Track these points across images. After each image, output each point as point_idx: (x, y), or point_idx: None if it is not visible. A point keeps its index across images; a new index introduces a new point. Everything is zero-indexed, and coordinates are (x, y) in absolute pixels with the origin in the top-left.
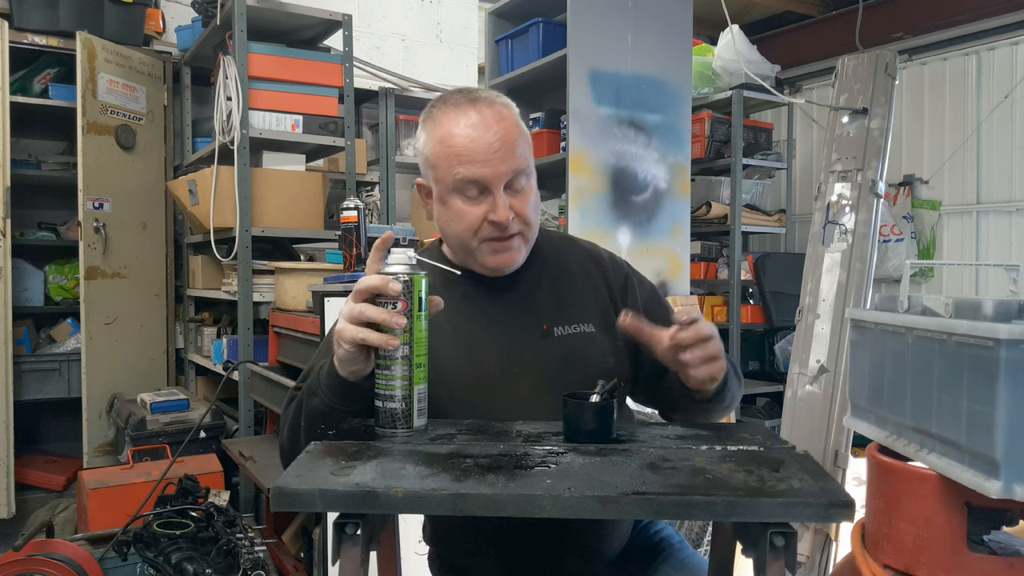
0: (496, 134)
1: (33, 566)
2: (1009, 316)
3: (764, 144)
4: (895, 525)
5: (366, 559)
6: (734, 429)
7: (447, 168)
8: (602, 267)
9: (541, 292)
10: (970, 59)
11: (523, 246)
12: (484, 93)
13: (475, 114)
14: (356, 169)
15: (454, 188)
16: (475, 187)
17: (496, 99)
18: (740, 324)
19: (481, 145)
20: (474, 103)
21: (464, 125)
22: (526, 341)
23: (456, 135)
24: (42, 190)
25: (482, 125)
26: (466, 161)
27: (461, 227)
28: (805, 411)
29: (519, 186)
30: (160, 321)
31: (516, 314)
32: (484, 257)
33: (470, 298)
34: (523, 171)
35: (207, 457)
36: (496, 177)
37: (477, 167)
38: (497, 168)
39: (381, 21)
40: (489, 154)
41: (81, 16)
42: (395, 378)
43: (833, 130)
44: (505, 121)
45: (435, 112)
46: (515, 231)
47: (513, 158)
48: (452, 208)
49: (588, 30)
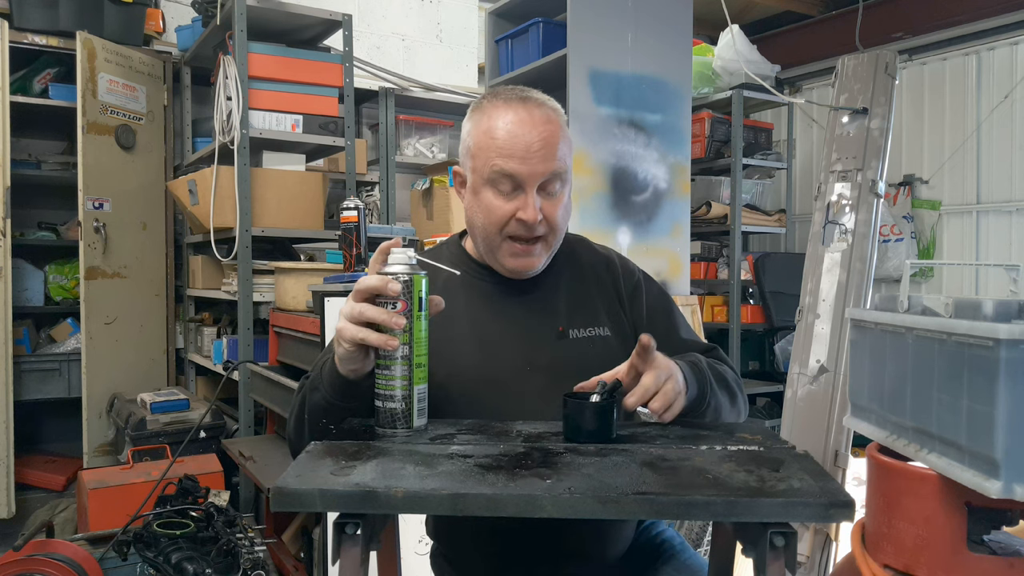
0: (540, 134)
1: (33, 566)
2: (1009, 316)
3: (764, 144)
4: (895, 525)
5: (366, 559)
6: (734, 429)
7: (486, 159)
8: (614, 272)
9: (558, 294)
10: (970, 59)
11: (544, 252)
12: (536, 94)
13: (524, 111)
14: (356, 169)
15: (489, 180)
16: (509, 182)
17: (547, 102)
18: (740, 324)
19: (523, 141)
20: (524, 101)
21: (510, 120)
22: (541, 341)
23: (500, 128)
24: (42, 190)
25: (528, 123)
26: (505, 154)
27: (489, 220)
28: (805, 411)
29: (553, 190)
30: (160, 321)
31: (533, 315)
32: (504, 257)
33: (488, 296)
34: (560, 176)
35: (207, 457)
36: (532, 176)
37: (515, 162)
38: (535, 167)
39: (381, 21)
40: (529, 152)
41: (81, 16)
42: (395, 378)
43: (833, 130)
44: (551, 124)
45: (484, 103)
46: (540, 233)
47: (553, 161)
48: (483, 199)
49: (588, 30)
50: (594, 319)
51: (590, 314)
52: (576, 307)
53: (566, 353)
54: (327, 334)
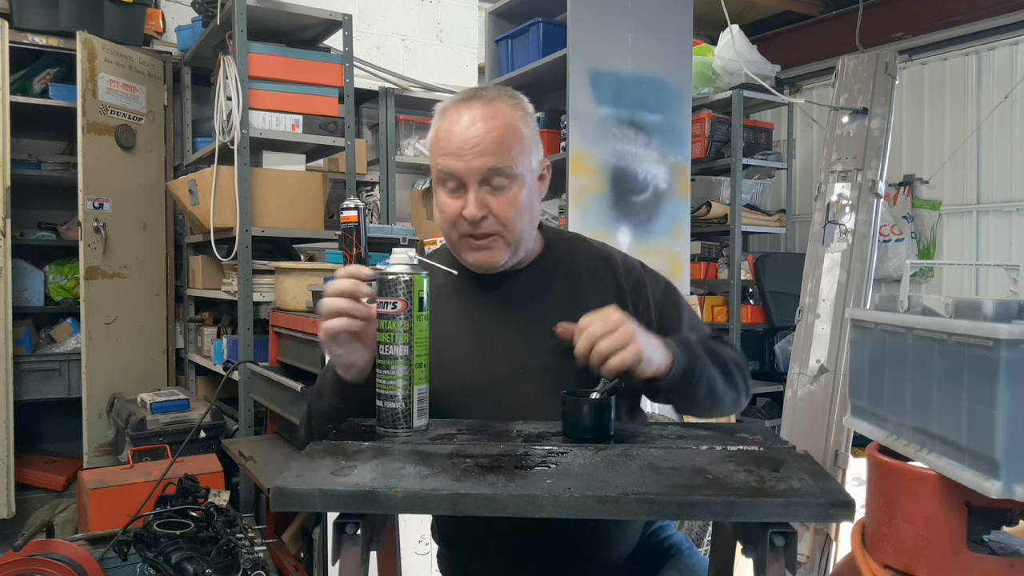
0: (479, 130)
1: (33, 566)
2: (1009, 316)
3: (764, 144)
4: (895, 525)
5: (366, 559)
6: (734, 429)
7: (435, 160)
8: (614, 268)
9: (551, 293)
10: (970, 59)
11: (504, 246)
12: (491, 91)
13: (466, 110)
14: (356, 169)
15: (438, 179)
16: (452, 180)
17: (498, 97)
18: (740, 324)
19: (459, 138)
20: (471, 100)
21: (453, 119)
22: (534, 341)
23: (443, 128)
24: (42, 190)
25: (468, 120)
26: (445, 152)
27: (442, 219)
28: (805, 411)
29: (497, 184)
30: (160, 321)
31: (525, 314)
32: (464, 253)
33: (478, 297)
34: (502, 170)
35: (207, 457)
36: (469, 172)
37: (452, 159)
38: (470, 163)
39: (381, 21)
40: (464, 148)
41: (81, 16)
42: (395, 378)
43: (833, 130)
44: (495, 119)
45: (441, 106)
46: (488, 230)
47: (491, 155)
48: (438, 200)
49: (588, 30)
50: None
51: (585, 312)
52: (569, 305)
53: (560, 352)
54: None
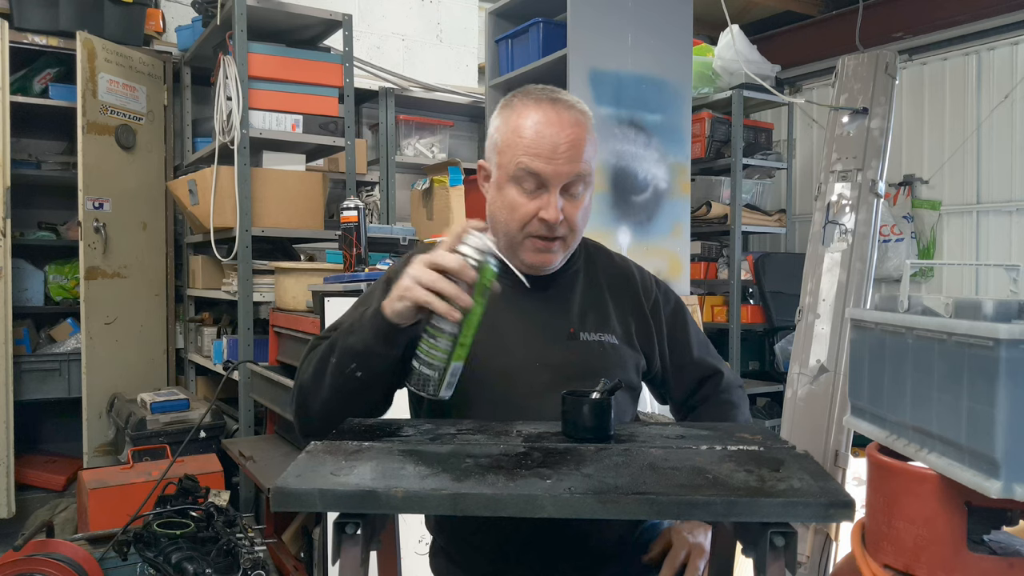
0: (567, 136)
1: (33, 566)
2: (1009, 316)
3: (764, 144)
4: (895, 525)
5: (366, 559)
6: (734, 429)
7: (512, 156)
8: (633, 288)
9: (572, 296)
10: (970, 59)
11: (562, 250)
12: (567, 96)
13: (553, 112)
14: (356, 169)
15: (513, 177)
16: (533, 180)
17: (576, 104)
18: (740, 324)
19: (550, 142)
20: (554, 102)
21: (539, 119)
22: (552, 340)
23: (529, 126)
24: (42, 190)
25: (557, 123)
26: (532, 153)
27: (511, 217)
28: (805, 411)
29: (576, 191)
30: (160, 321)
31: (546, 313)
32: (525, 252)
33: (506, 291)
34: (583, 178)
35: (207, 457)
36: (556, 176)
37: (541, 161)
38: (560, 167)
39: (381, 21)
40: (556, 152)
41: (81, 16)
42: (438, 348)
43: (833, 130)
44: (579, 127)
45: (515, 101)
46: (560, 234)
47: (578, 163)
48: (506, 196)
49: (588, 30)
50: (604, 325)
51: (601, 319)
52: (588, 311)
53: (575, 354)
54: None
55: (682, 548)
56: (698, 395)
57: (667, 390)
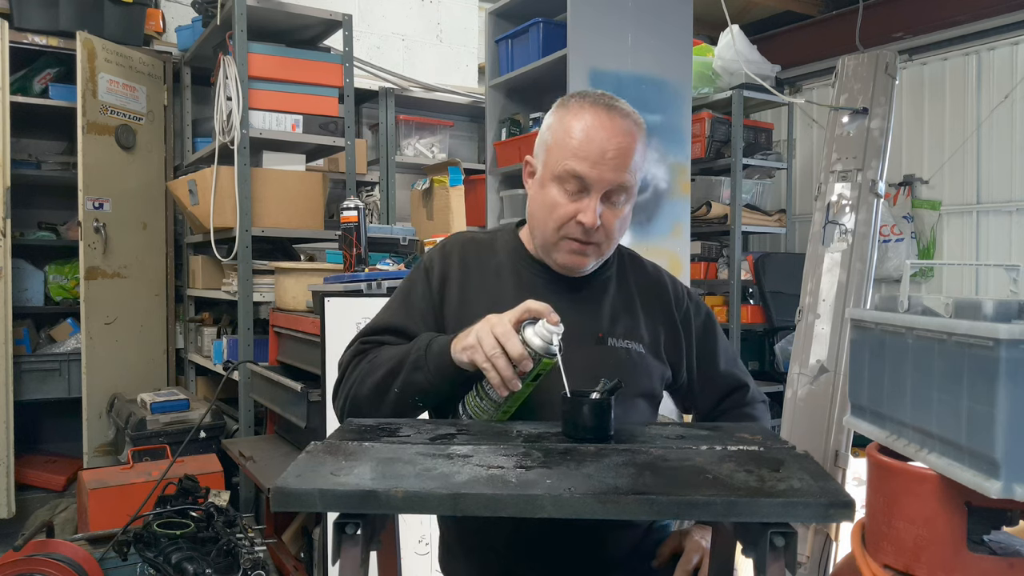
0: (617, 144)
1: (33, 566)
2: (1009, 316)
3: (764, 144)
4: (895, 525)
5: (366, 559)
6: (734, 429)
7: (559, 155)
8: (665, 298)
9: (604, 301)
10: (970, 59)
11: (596, 256)
12: (623, 104)
13: (606, 117)
14: (356, 169)
15: (557, 177)
16: (577, 183)
17: (632, 114)
18: (740, 324)
19: (598, 147)
20: (609, 108)
21: (591, 123)
22: (581, 343)
23: (579, 129)
24: (42, 190)
25: (608, 129)
26: (580, 156)
27: (550, 216)
28: (805, 411)
29: (617, 200)
30: (160, 321)
31: (577, 316)
32: (558, 253)
33: (537, 288)
34: (626, 189)
35: (207, 457)
36: (600, 181)
37: (586, 165)
38: (604, 174)
39: (381, 21)
40: (603, 158)
41: (81, 16)
42: (482, 408)
43: (833, 130)
44: (630, 136)
45: (571, 102)
46: (596, 240)
47: (623, 172)
48: (548, 195)
49: (588, 30)
50: (632, 332)
51: (630, 327)
52: (618, 317)
53: (603, 358)
54: (327, 334)
55: (695, 552)
56: (721, 407)
57: (692, 401)
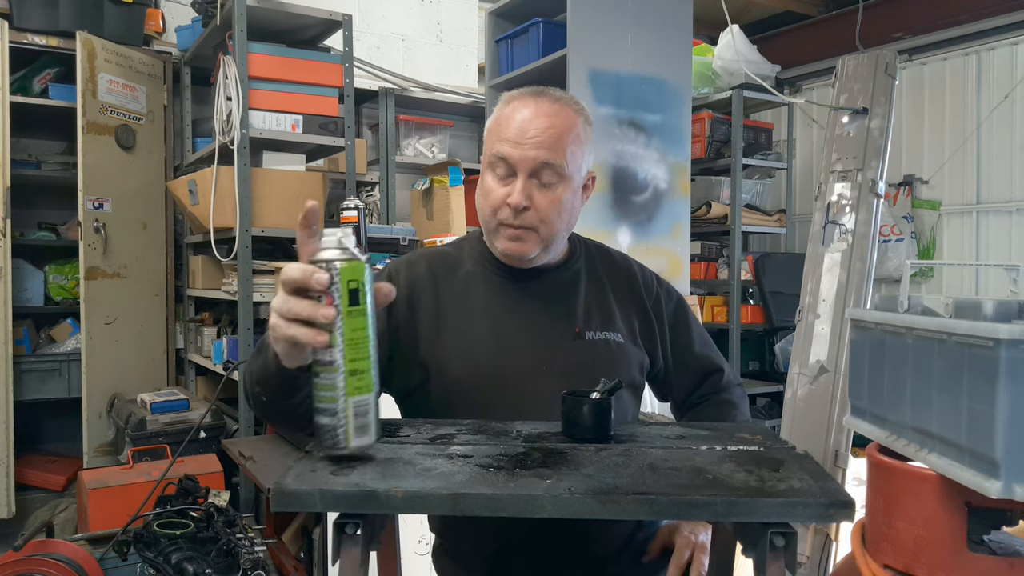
0: (540, 124)
1: (33, 566)
2: (1009, 316)
3: (764, 144)
4: (895, 525)
5: (366, 559)
6: (734, 429)
7: (490, 144)
8: (635, 286)
9: (576, 296)
10: (970, 59)
11: (535, 242)
12: (555, 91)
13: (532, 102)
14: (356, 169)
15: (489, 163)
16: (504, 166)
17: (563, 99)
18: (740, 324)
19: (518, 127)
20: (538, 95)
21: (518, 107)
22: (558, 341)
23: (506, 115)
24: (42, 190)
25: (532, 111)
26: (503, 138)
27: (485, 203)
28: (805, 411)
29: (547, 181)
30: (160, 321)
31: (551, 313)
32: (498, 240)
33: (507, 292)
34: (553, 167)
35: (207, 457)
36: (522, 160)
37: (508, 145)
38: (526, 152)
39: (381, 21)
40: (523, 137)
41: (81, 16)
42: (325, 388)
43: (833, 130)
44: (558, 117)
45: (507, 95)
46: (527, 223)
47: (546, 149)
48: (484, 183)
49: (588, 30)
50: (609, 323)
51: (606, 318)
52: (592, 310)
53: (582, 353)
54: None
55: (686, 547)
56: (698, 393)
57: (668, 388)
